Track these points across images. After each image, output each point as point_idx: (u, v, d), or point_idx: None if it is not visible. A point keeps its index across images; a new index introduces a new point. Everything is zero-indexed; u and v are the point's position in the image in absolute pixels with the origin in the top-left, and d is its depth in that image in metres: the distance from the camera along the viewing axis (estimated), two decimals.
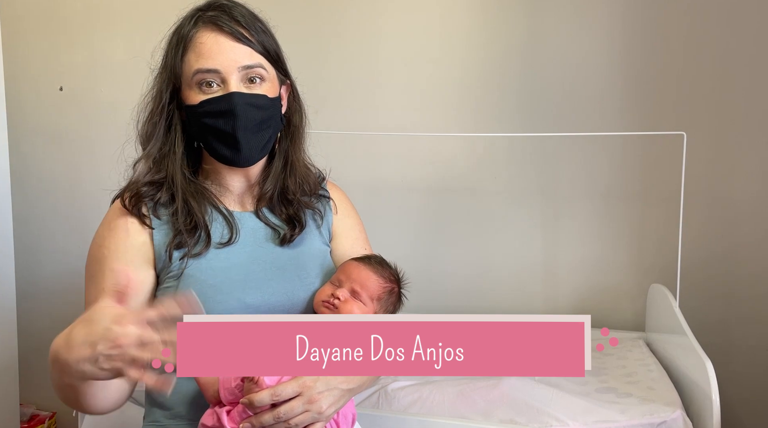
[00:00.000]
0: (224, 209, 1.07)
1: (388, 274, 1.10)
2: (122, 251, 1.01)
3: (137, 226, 1.02)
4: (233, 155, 1.02)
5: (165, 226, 1.03)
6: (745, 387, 1.84)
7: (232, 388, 0.93)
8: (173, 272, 1.01)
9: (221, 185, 1.09)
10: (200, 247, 1.02)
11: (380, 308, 1.08)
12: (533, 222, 1.95)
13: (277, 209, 1.11)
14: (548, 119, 1.89)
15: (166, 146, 1.04)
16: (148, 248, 1.02)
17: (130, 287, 0.80)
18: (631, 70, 1.83)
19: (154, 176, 1.04)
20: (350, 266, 1.08)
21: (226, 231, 1.05)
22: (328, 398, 0.92)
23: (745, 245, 1.82)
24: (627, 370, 1.58)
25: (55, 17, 2.19)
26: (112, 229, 1.03)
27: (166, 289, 1.01)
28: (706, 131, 1.78)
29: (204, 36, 1.01)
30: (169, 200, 1.04)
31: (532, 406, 1.39)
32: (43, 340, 2.61)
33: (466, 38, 1.93)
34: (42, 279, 2.31)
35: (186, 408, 1.02)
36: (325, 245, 1.16)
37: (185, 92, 1.03)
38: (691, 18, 1.77)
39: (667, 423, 1.32)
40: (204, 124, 1.01)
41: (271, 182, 1.10)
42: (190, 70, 1.01)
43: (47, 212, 2.28)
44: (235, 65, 1.00)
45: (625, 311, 1.91)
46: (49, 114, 2.24)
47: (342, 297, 1.03)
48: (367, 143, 1.96)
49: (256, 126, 1.02)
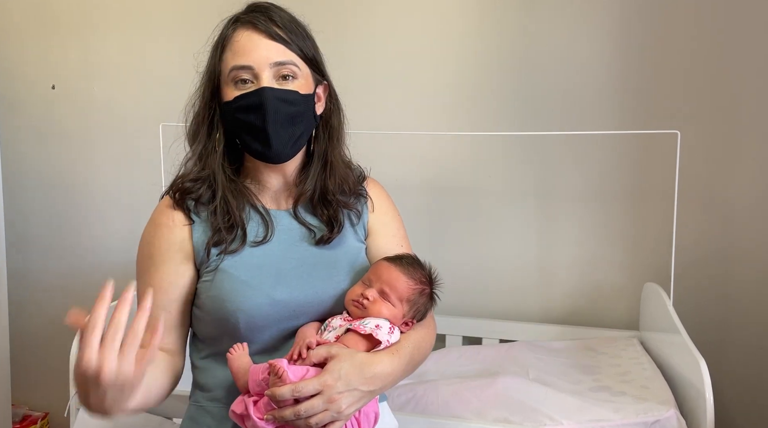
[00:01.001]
0: (261, 208, 1.11)
1: (419, 275, 1.10)
2: (167, 247, 1.07)
3: (179, 223, 1.08)
4: (264, 150, 1.06)
5: (204, 224, 1.08)
6: (739, 386, 1.84)
7: (259, 380, 0.96)
8: (211, 268, 1.06)
9: (259, 183, 1.13)
10: (236, 245, 1.06)
11: (410, 309, 1.08)
12: (528, 221, 1.95)
13: (318, 210, 1.14)
14: (543, 118, 1.89)
15: (209, 144, 1.09)
16: (188, 245, 1.07)
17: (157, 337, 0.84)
18: (626, 69, 1.83)
19: (199, 173, 1.09)
20: (381, 267, 1.09)
21: (261, 229, 1.09)
22: (348, 398, 0.94)
23: (739, 244, 1.82)
24: (621, 369, 1.59)
25: (48, 16, 2.18)
26: (158, 226, 1.09)
27: (204, 282, 1.06)
28: (700, 129, 1.78)
29: (240, 35, 1.05)
30: (209, 198, 1.09)
31: (526, 405, 1.39)
32: (35, 340, 2.63)
33: (461, 38, 1.92)
34: (34, 279, 2.30)
35: (223, 393, 1.06)
36: (360, 242, 1.17)
37: (224, 90, 1.07)
38: (685, 17, 1.77)
39: (660, 421, 1.32)
40: (237, 119, 1.05)
41: (311, 183, 1.13)
42: (227, 67, 1.05)
43: (40, 211, 2.27)
44: (267, 61, 1.03)
45: (620, 309, 1.92)
46: (41, 112, 2.23)
47: (371, 298, 1.04)
48: (362, 142, 1.95)
49: (286, 121, 1.05)
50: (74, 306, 1.07)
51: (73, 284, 2.26)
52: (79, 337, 0.80)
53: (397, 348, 1.03)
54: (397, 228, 1.23)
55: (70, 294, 2.26)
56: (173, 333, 1.09)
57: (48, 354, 2.28)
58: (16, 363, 2.22)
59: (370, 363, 0.98)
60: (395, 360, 1.02)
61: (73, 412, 1.45)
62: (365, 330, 1.00)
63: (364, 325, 1.01)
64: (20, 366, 2.29)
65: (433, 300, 1.13)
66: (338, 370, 0.94)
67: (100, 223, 2.22)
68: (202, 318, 1.08)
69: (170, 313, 1.07)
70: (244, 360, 1.01)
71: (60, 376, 1.65)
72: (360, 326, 1.01)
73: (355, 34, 1.97)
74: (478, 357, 1.77)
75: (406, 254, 1.16)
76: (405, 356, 1.04)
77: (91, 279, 2.24)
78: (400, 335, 1.06)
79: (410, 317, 1.09)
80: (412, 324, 1.09)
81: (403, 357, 1.03)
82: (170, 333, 1.08)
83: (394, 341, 1.03)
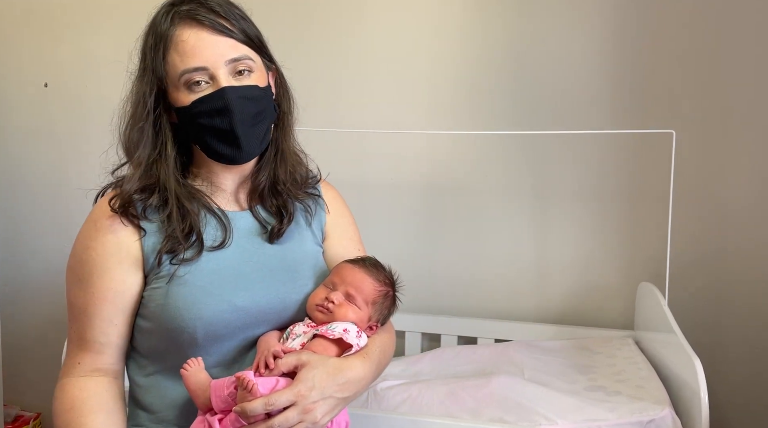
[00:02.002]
0: (218, 210, 1.04)
1: (383, 277, 1.08)
2: (109, 254, 0.98)
3: (125, 228, 0.99)
4: (234, 153, 0.99)
5: (155, 229, 1.00)
6: (734, 385, 1.85)
7: (224, 396, 0.90)
8: (162, 274, 0.98)
9: (213, 185, 1.06)
10: (192, 252, 0.99)
11: (375, 312, 1.06)
12: (523, 221, 1.95)
13: (268, 201, 1.08)
14: (539, 117, 1.89)
15: (155, 152, 1.00)
16: (137, 251, 0.99)
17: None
18: (621, 68, 1.83)
19: (145, 182, 1.00)
20: (344, 269, 1.06)
21: (219, 234, 1.02)
22: (323, 407, 0.91)
23: (734, 244, 1.83)
24: (616, 368, 1.59)
25: (40, 13, 2.16)
26: (99, 229, 0.99)
27: (154, 290, 0.98)
28: (695, 129, 1.78)
29: (184, 33, 0.97)
30: (161, 205, 1.00)
31: (521, 404, 1.38)
32: (27, 341, 2.60)
33: (457, 36, 1.92)
34: (26, 279, 2.29)
35: (173, 413, 1.00)
36: (318, 245, 1.14)
37: (173, 94, 0.99)
38: (680, 17, 1.77)
39: (655, 421, 1.32)
40: (200, 124, 0.98)
41: (264, 172, 1.07)
42: (176, 71, 0.97)
43: (31, 210, 2.25)
44: (221, 59, 0.97)
45: (615, 309, 1.92)
46: (34, 111, 2.22)
47: (336, 301, 1.01)
48: (357, 141, 1.95)
49: (252, 119, 0.99)
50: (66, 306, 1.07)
51: (65, 283, 2.24)
52: None
53: (366, 352, 1.00)
54: (354, 231, 1.20)
55: (62, 294, 2.24)
56: (119, 350, 1.01)
57: (40, 354, 2.26)
58: (7, 363, 2.21)
59: (343, 369, 0.95)
60: (366, 363, 0.99)
61: None
62: (334, 334, 0.97)
63: (332, 329, 0.98)
64: (12, 366, 2.27)
65: (395, 303, 1.11)
66: (311, 378, 0.90)
67: None
68: (149, 330, 1.00)
69: (115, 326, 0.99)
70: (201, 376, 0.94)
71: (52, 376, 1.62)
72: (328, 330, 0.98)
73: (350, 33, 1.96)
74: (474, 356, 1.77)
75: (368, 256, 1.13)
76: (374, 359, 1.01)
77: None
78: (366, 339, 1.03)
79: (375, 321, 1.06)
80: (376, 328, 1.07)
81: (373, 361, 1.01)
82: (117, 350, 1.01)
83: (362, 344, 1.01)
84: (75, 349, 1.02)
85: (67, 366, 1.02)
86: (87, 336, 1.00)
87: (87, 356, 1.00)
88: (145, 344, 1.03)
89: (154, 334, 1.00)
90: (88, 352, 1.00)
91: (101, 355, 1.00)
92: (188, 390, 0.94)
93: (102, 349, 1.00)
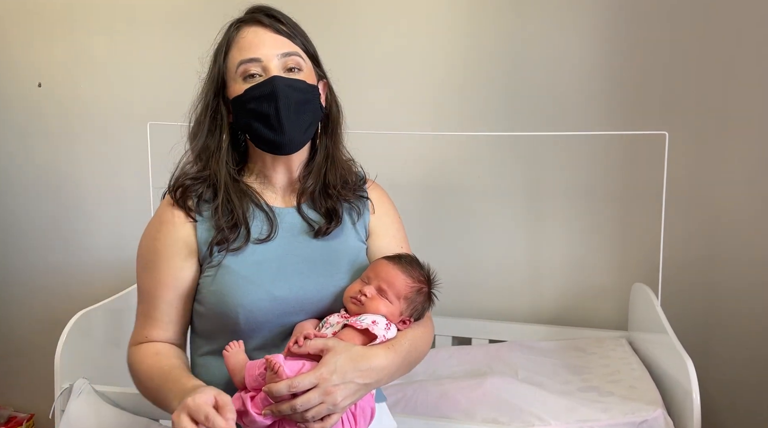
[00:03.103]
0: (265, 206, 1.13)
1: (418, 274, 1.11)
2: (171, 243, 1.09)
3: (183, 220, 1.09)
4: (277, 137, 1.07)
5: (207, 221, 1.09)
6: (726, 386, 1.85)
7: (255, 376, 0.97)
8: (213, 263, 1.08)
9: (265, 179, 1.15)
10: (239, 243, 1.08)
11: (407, 307, 1.09)
12: (517, 222, 1.95)
13: (318, 203, 1.16)
14: (533, 118, 1.89)
15: (212, 143, 1.11)
16: (192, 241, 1.09)
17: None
18: (614, 70, 1.83)
19: (200, 172, 1.11)
20: (380, 265, 1.11)
21: (265, 227, 1.11)
22: (344, 391, 0.95)
23: (726, 245, 1.83)
24: (609, 369, 1.59)
25: (34, 13, 2.16)
26: (163, 222, 1.10)
27: (206, 277, 1.09)
28: (688, 130, 1.79)
29: (245, 32, 1.09)
30: (211, 196, 1.10)
31: (514, 405, 1.39)
32: (20, 341, 2.59)
33: (451, 38, 1.92)
34: (19, 280, 2.28)
35: (221, 390, 1.07)
36: (361, 242, 1.19)
37: (231, 87, 1.09)
38: (673, 18, 1.78)
39: (648, 421, 1.33)
40: (249, 110, 1.07)
41: (314, 177, 1.16)
42: (234, 64, 1.08)
43: (25, 210, 2.25)
44: (274, 53, 1.07)
45: (608, 310, 1.92)
46: (28, 111, 2.21)
47: (369, 294, 1.05)
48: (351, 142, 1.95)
49: (297, 106, 1.07)
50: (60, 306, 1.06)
51: (58, 283, 2.24)
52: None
53: (392, 344, 1.04)
54: (397, 230, 1.26)
55: (56, 294, 2.24)
56: (182, 328, 1.13)
57: (33, 355, 2.25)
58: (1, 364, 2.20)
59: (366, 356, 0.99)
60: (390, 354, 1.02)
61: (58, 413, 1.44)
62: (362, 325, 1.02)
63: (361, 321, 1.02)
64: (5, 367, 2.26)
65: (431, 300, 1.14)
66: (333, 363, 0.95)
67: (86, 222, 2.19)
68: (202, 314, 1.11)
69: (176, 308, 1.11)
70: (240, 357, 1.02)
71: (45, 377, 1.63)
72: (357, 321, 1.02)
73: (346, 34, 1.96)
74: (468, 357, 1.77)
75: (406, 254, 1.18)
76: (401, 352, 1.05)
77: (77, 279, 2.22)
78: (396, 332, 1.07)
79: (408, 316, 1.10)
80: (409, 323, 1.11)
81: (399, 353, 1.04)
82: (179, 328, 1.13)
83: (390, 337, 1.05)
84: (143, 325, 1.12)
85: (136, 338, 1.13)
86: (154, 315, 1.11)
87: (154, 331, 1.11)
88: (200, 326, 1.13)
89: (205, 317, 1.10)
90: (155, 328, 1.11)
91: (166, 332, 1.12)
92: (228, 370, 1.02)
93: (166, 327, 1.11)
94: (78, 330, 1.49)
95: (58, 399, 1.44)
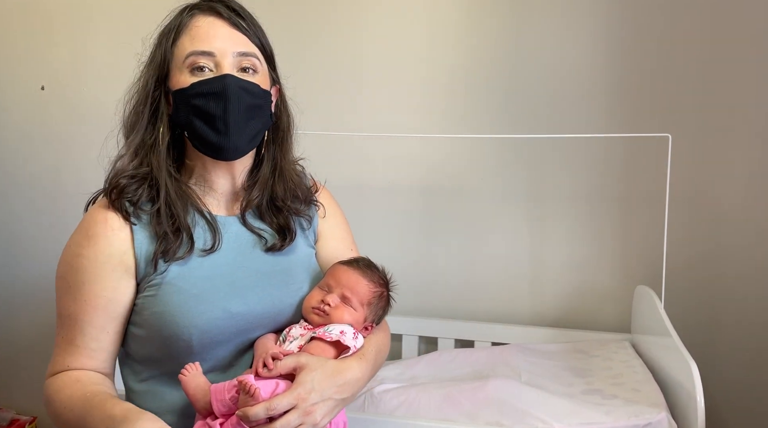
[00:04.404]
0: (207, 213, 1.03)
1: (377, 278, 1.09)
2: (102, 262, 0.97)
3: (119, 226, 0.97)
4: (220, 140, 0.97)
5: (146, 229, 0.99)
6: (730, 388, 1.85)
7: (226, 400, 0.91)
8: (154, 281, 0.98)
9: (206, 184, 1.05)
10: (183, 251, 0.98)
11: (370, 313, 1.07)
12: (519, 224, 1.95)
13: (267, 217, 1.08)
14: (535, 121, 1.89)
15: (150, 137, 1.00)
16: (129, 256, 0.98)
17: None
18: (617, 72, 1.83)
19: (138, 170, 0.99)
20: (339, 271, 1.07)
21: (209, 237, 1.02)
22: (323, 409, 0.92)
23: (730, 247, 1.83)
24: (612, 372, 1.59)
25: (37, 15, 2.16)
26: (91, 236, 0.98)
27: (147, 297, 0.98)
28: (691, 132, 1.79)
29: (200, 20, 0.99)
30: (151, 198, 1.00)
31: (517, 408, 1.38)
32: (22, 343, 2.59)
33: (452, 40, 1.92)
34: (21, 282, 2.28)
35: (172, 417, 1.00)
36: (310, 247, 1.15)
37: (175, 77, 0.99)
38: (676, 20, 1.78)
39: (652, 424, 1.32)
40: (193, 106, 0.96)
41: (259, 188, 1.07)
42: (183, 53, 0.98)
43: (27, 212, 2.25)
44: (230, 50, 0.98)
45: (611, 312, 1.92)
46: (30, 113, 2.21)
47: (333, 304, 1.02)
48: (353, 145, 1.95)
49: (246, 112, 0.98)
50: None
51: None
52: None
53: (362, 353, 1.02)
54: (345, 231, 1.22)
55: None
56: (111, 355, 1.01)
57: (35, 357, 2.25)
58: (3, 367, 2.20)
59: (340, 371, 0.96)
60: (363, 364, 1.00)
61: None
62: (331, 336, 0.98)
63: (329, 332, 0.99)
64: (8, 370, 2.26)
65: (389, 303, 1.12)
66: (310, 381, 0.91)
67: None
68: (142, 337, 1.00)
69: (107, 333, 0.99)
70: (200, 380, 0.94)
71: None
72: (325, 333, 0.99)
73: (346, 37, 1.96)
74: (470, 359, 1.77)
75: (361, 257, 1.14)
76: (371, 360, 1.03)
77: None
78: (362, 340, 1.04)
79: (370, 322, 1.08)
80: (371, 329, 1.09)
81: (369, 362, 1.03)
82: (108, 355, 1.01)
83: (359, 346, 1.02)
84: (64, 353, 1.00)
85: (55, 367, 1.01)
86: (77, 342, 0.99)
87: (78, 359, 1.00)
88: (139, 351, 1.02)
89: (148, 341, 1.00)
90: (79, 356, 0.99)
91: (92, 360, 1.00)
92: (187, 395, 0.94)
93: (93, 354, 0.99)
94: None
95: None
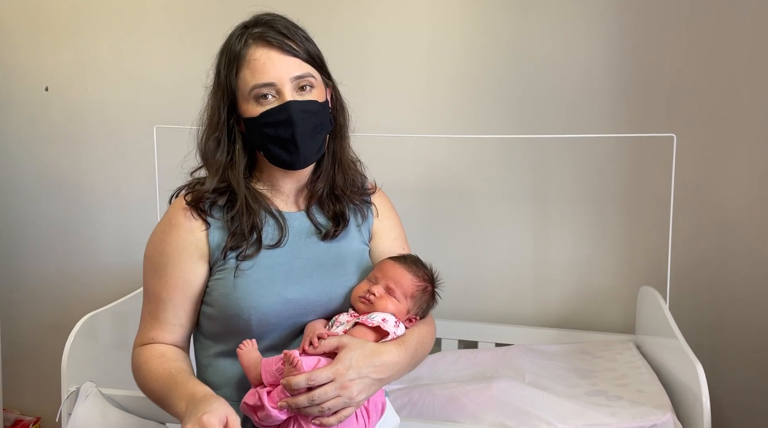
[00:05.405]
0: (276, 212, 1.16)
1: (423, 273, 1.16)
2: (182, 248, 1.11)
3: (196, 224, 1.12)
4: (293, 159, 1.11)
5: (219, 227, 1.12)
6: (736, 389, 1.84)
7: (273, 371, 1.00)
8: (224, 267, 1.11)
9: (273, 188, 1.18)
10: (252, 250, 1.11)
11: (414, 305, 1.14)
12: (524, 225, 1.95)
13: (326, 206, 1.20)
14: (540, 121, 1.89)
15: (228, 158, 1.13)
16: (204, 245, 1.11)
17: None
18: (622, 73, 1.83)
19: (219, 184, 1.13)
20: (386, 265, 1.15)
21: (276, 233, 1.14)
22: (359, 385, 0.99)
23: (734, 248, 1.82)
24: (617, 373, 1.58)
25: (41, 17, 2.17)
26: (174, 225, 1.12)
27: (217, 280, 1.11)
28: (696, 133, 1.78)
29: (256, 53, 1.09)
30: (226, 205, 1.13)
31: (522, 409, 1.38)
32: (26, 344, 2.60)
33: (457, 41, 1.92)
34: (25, 283, 2.28)
35: (230, 389, 1.11)
36: (364, 244, 1.24)
37: (243, 106, 1.11)
38: (681, 20, 1.78)
39: (657, 426, 1.32)
40: (265, 133, 1.10)
41: (323, 180, 1.20)
42: (247, 86, 1.09)
43: (32, 213, 2.26)
44: (287, 76, 1.09)
45: (616, 313, 1.91)
46: (34, 114, 2.22)
47: (377, 293, 1.09)
48: (357, 145, 1.94)
49: (312, 130, 1.11)
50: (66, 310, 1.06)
51: (64, 286, 2.24)
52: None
53: (402, 340, 1.09)
54: (399, 232, 1.31)
55: (62, 297, 2.24)
56: (187, 331, 1.16)
57: (39, 358, 2.26)
58: (7, 367, 2.20)
59: (379, 352, 1.03)
60: (401, 350, 1.07)
61: (64, 417, 1.44)
62: (373, 322, 1.06)
63: (372, 318, 1.06)
64: (12, 370, 2.27)
65: (434, 298, 1.19)
66: (349, 359, 0.99)
67: (92, 225, 2.20)
68: (212, 316, 1.13)
69: (184, 311, 1.13)
70: (254, 355, 1.05)
71: (51, 380, 1.63)
72: (367, 319, 1.07)
73: (352, 37, 1.96)
74: (474, 360, 1.76)
75: (410, 254, 1.23)
76: (410, 348, 1.09)
77: (82, 282, 2.22)
78: (404, 329, 1.11)
79: (414, 314, 1.14)
80: (415, 321, 1.15)
81: (409, 349, 1.09)
82: (185, 331, 1.15)
83: (399, 333, 1.09)
84: (149, 326, 1.15)
85: (142, 339, 1.15)
86: (160, 318, 1.13)
87: (160, 333, 1.14)
88: (208, 328, 1.15)
89: (216, 319, 1.12)
90: (162, 330, 1.14)
91: (172, 334, 1.14)
92: (242, 367, 1.05)
93: (173, 329, 1.14)
94: (85, 333, 1.50)
95: (65, 403, 1.44)
